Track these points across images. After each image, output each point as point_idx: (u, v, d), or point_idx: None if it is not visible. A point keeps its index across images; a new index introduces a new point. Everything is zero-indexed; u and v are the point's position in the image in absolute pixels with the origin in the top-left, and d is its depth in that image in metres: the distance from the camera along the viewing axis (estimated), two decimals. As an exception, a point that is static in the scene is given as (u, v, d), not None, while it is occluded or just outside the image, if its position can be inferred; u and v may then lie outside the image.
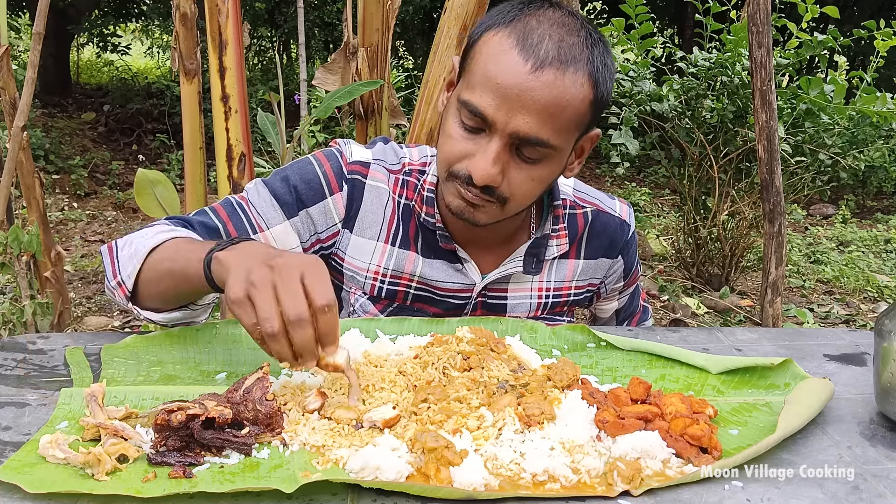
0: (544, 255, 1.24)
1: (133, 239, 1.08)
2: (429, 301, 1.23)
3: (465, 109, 1.02)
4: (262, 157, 3.09)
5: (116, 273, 1.06)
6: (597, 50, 1.02)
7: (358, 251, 1.21)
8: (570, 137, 1.05)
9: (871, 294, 4.42)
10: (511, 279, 1.24)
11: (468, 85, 1.03)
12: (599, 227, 1.28)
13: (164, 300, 1.04)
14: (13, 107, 2.16)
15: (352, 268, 1.21)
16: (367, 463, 0.73)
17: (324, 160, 1.19)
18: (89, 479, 0.71)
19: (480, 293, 1.23)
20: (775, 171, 2.74)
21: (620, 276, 1.34)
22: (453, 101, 1.07)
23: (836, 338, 1.19)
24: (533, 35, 0.99)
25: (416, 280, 1.21)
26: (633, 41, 3.67)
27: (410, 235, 1.21)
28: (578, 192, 1.29)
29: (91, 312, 3.55)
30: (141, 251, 1.03)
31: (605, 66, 1.04)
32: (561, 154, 1.06)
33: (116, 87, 9.58)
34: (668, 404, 0.85)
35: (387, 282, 1.21)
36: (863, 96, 3.57)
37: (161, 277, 1.01)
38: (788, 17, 3.56)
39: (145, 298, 1.05)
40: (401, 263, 1.20)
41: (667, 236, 5.36)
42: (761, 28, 2.63)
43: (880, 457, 0.83)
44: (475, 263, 1.21)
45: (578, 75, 1.00)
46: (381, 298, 1.22)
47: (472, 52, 1.05)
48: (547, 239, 1.24)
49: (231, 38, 2.05)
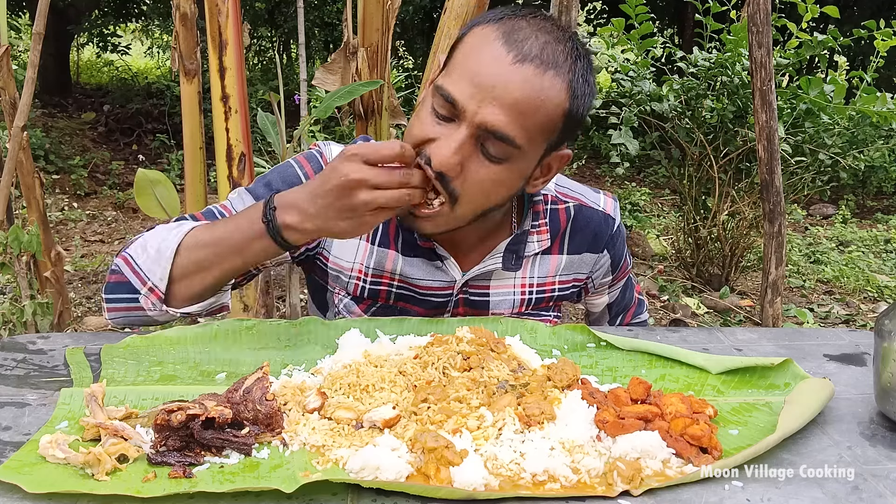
0: (524, 252, 1.23)
1: (147, 244, 1.07)
2: (410, 300, 1.22)
3: (439, 95, 1.01)
4: (262, 157, 3.09)
5: (145, 281, 1.05)
6: (580, 63, 1.02)
7: (342, 250, 1.21)
8: (537, 144, 1.03)
9: (871, 294, 4.42)
10: (492, 276, 1.23)
11: (447, 73, 1.03)
12: (582, 221, 1.27)
13: (205, 288, 1.06)
14: (13, 107, 2.16)
15: (336, 267, 1.21)
16: (367, 463, 0.73)
17: (304, 162, 1.19)
18: (89, 479, 0.71)
19: (461, 290, 1.22)
20: (775, 171, 2.74)
21: (608, 270, 1.33)
22: (429, 89, 1.06)
23: (836, 338, 1.19)
24: (519, 33, 0.99)
25: (398, 279, 1.21)
26: (633, 41, 3.67)
27: (390, 234, 1.20)
28: (560, 188, 1.28)
29: (91, 312, 3.55)
30: (166, 252, 1.03)
31: (587, 82, 1.03)
32: (525, 160, 1.04)
33: (116, 87, 9.58)
34: (668, 404, 0.85)
35: (369, 281, 1.21)
36: (863, 96, 3.57)
37: (206, 270, 1.03)
38: (788, 17, 3.56)
39: (180, 296, 1.06)
40: (381, 262, 1.20)
41: (667, 236, 5.36)
42: (761, 28, 2.63)
43: (880, 457, 0.83)
44: (455, 260, 1.21)
45: (557, 80, 0.99)
46: (364, 298, 1.22)
47: (456, 46, 1.05)
48: (526, 235, 1.23)
49: (231, 38, 2.05)
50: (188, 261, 1.04)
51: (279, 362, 0.98)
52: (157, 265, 1.04)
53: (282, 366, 0.97)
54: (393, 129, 2.67)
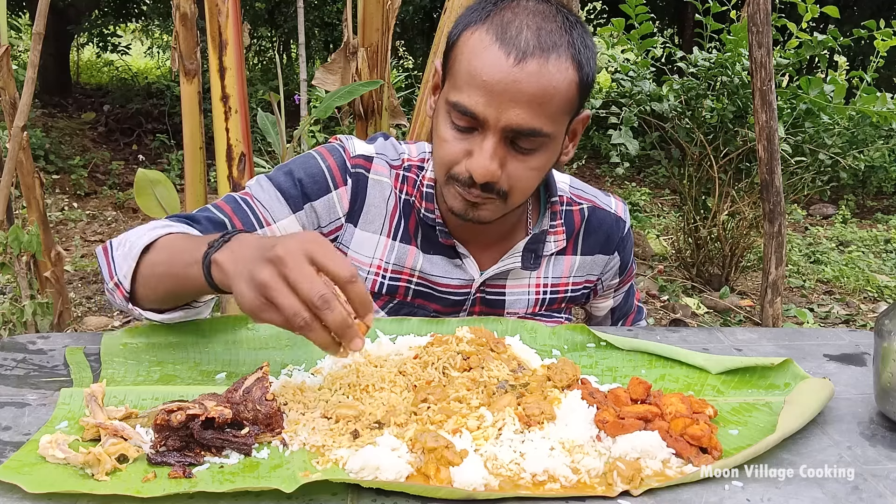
0: (542, 251, 1.25)
1: (128, 237, 1.06)
2: (429, 297, 1.23)
3: (455, 111, 1.03)
4: (262, 157, 3.09)
5: (113, 274, 1.04)
6: (575, 32, 1.03)
7: (361, 245, 1.21)
8: (562, 123, 1.06)
9: (871, 294, 4.42)
10: (509, 275, 1.24)
11: (454, 86, 1.04)
12: (596, 223, 1.29)
13: (162, 302, 1.01)
14: (13, 107, 2.16)
15: (355, 262, 1.21)
16: (367, 463, 0.73)
17: (327, 155, 1.19)
18: (89, 479, 0.71)
19: (479, 289, 1.23)
20: (775, 171, 2.74)
21: (616, 272, 1.34)
22: (442, 104, 1.07)
23: (836, 338, 1.19)
24: (511, 27, 1.00)
25: (417, 275, 1.21)
26: (633, 41, 3.67)
27: (411, 231, 1.21)
28: (575, 189, 1.30)
29: (91, 312, 3.55)
30: (134, 250, 1.01)
31: (587, 46, 1.05)
32: (555, 141, 1.07)
33: (116, 87, 9.58)
34: (668, 404, 0.85)
35: (388, 276, 1.21)
36: (863, 96, 3.57)
37: (159, 280, 0.98)
38: (788, 17, 3.56)
39: (144, 299, 1.02)
40: (402, 258, 1.21)
41: (667, 236, 5.36)
42: (761, 28, 2.63)
43: (880, 457, 0.83)
44: (474, 259, 1.22)
45: (561, 60, 1.00)
46: (382, 294, 1.22)
47: (453, 54, 1.06)
48: (545, 235, 1.24)
49: (231, 38, 2.05)
50: (148, 269, 0.99)
51: (279, 362, 0.98)
52: (125, 261, 1.02)
53: (282, 366, 0.97)
54: (393, 129, 2.67)
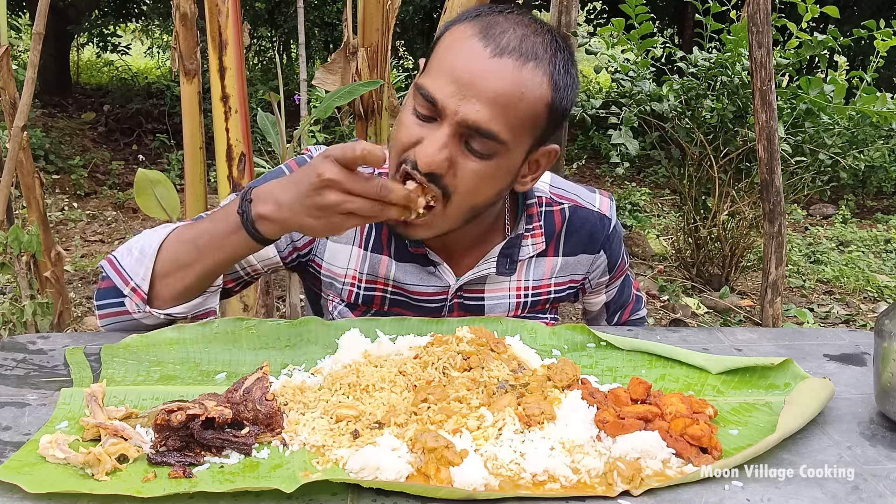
0: (518, 256, 1.22)
1: (132, 246, 1.08)
2: (405, 305, 1.21)
3: (419, 95, 1.00)
4: (262, 157, 3.09)
5: (128, 281, 1.05)
6: (560, 55, 1.02)
7: (334, 257, 1.20)
8: (523, 139, 1.03)
9: (871, 294, 4.42)
10: (487, 280, 1.22)
11: (426, 72, 1.03)
12: (578, 222, 1.26)
13: (188, 290, 1.05)
14: (13, 107, 2.16)
15: (330, 274, 1.21)
16: (367, 463, 0.73)
17: (295, 167, 1.18)
18: (89, 479, 0.71)
19: (456, 295, 1.22)
20: (775, 171, 2.74)
21: (604, 270, 1.32)
22: (410, 91, 1.06)
23: (836, 338, 1.19)
24: (497, 27, 0.99)
25: (392, 284, 1.20)
26: (633, 41, 3.67)
27: (383, 240, 1.19)
28: (555, 189, 1.27)
29: (91, 312, 3.55)
30: (149, 252, 1.04)
31: (568, 74, 1.03)
32: (511, 155, 1.03)
33: (116, 87, 9.58)
34: (668, 404, 0.85)
35: (363, 287, 1.20)
36: (863, 96, 3.57)
37: (188, 269, 1.03)
38: (788, 17, 3.56)
39: (162, 297, 1.05)
40: (375, 268, 1.19)
41: (667, 236, 5.36)
42: (761, 28, 2.63)
43: (880, 457, 0.83)
44: (448, 265, 1.20)
45: (538, 72, 0.99)
46: (358, 304, 1.21)
47: (436, 46, 1.05)
48: (520, 239, 1.22)
49: (231, 38, 2.05)
50: (169, 258, 1.04)
51: (279, 362, 0.98)
52: (140, 265, 1.04)
53: (282, 366, 0.97)
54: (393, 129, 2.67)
